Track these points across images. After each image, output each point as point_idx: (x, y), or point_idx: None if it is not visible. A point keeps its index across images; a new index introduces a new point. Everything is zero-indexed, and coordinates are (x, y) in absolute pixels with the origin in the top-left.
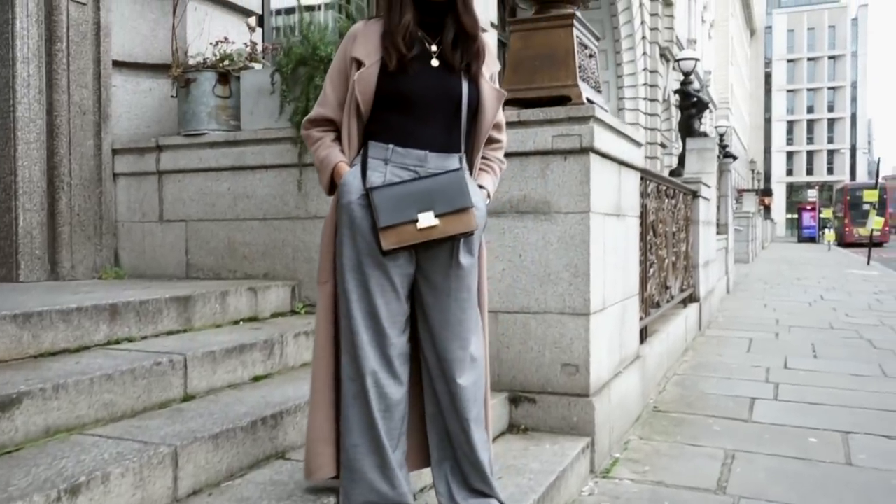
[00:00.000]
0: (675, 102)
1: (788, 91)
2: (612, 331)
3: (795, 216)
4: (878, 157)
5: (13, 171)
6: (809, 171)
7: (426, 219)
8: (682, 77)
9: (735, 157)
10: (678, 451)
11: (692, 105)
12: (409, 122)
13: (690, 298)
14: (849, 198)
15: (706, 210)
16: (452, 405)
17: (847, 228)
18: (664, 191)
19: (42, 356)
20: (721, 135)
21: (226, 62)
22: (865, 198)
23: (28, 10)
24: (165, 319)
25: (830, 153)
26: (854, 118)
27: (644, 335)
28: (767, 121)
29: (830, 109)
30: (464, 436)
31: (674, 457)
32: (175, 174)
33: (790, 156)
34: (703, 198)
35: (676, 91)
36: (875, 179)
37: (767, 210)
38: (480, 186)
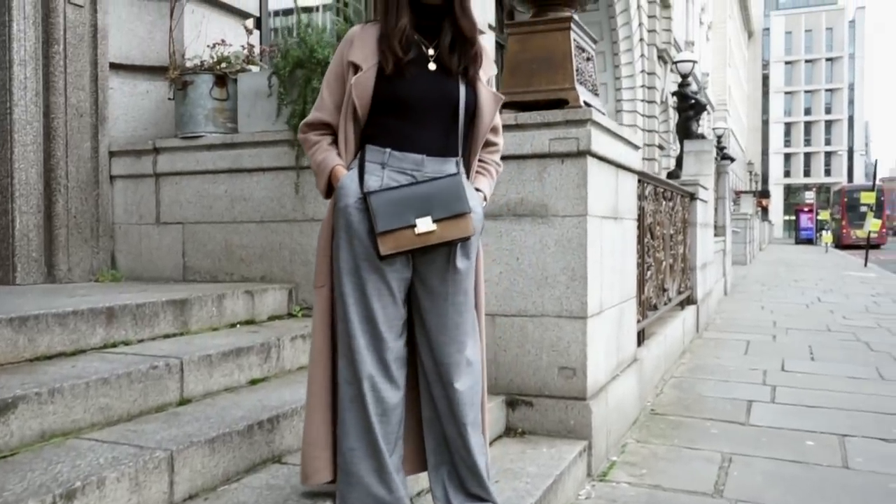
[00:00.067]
0: (673, 104)
1: (786, 93)
2: (610, 334)
3: (793, 218)
4: (876, 160)
5: (10, 174)
6: (807, 173)
7: (424, 224)
8: (680, 79)
9: (733, 159)
10: (675, 455)
11: (690, 107)
12: (406, 126)
13: (688, 301)
14: (846, 200)
15: (704, 212)
16: (449, 409)
17: (844, 230)
18: (662, 193)
19: (38, 360)
20: (719, 137)
21: (223, 65)
22: (863, 200)
23: (25, 13)
24: (162, 323)
25: (828, 155)
26: (851, 120)
27: (641, 338)
28: (765, 122)
29: (828, 111)
30: (461, 440)
31: (671, 460)
32: (172, 177)
33: (787, 158)
34: (701, 200)
35: (674, 93)
36: (872, 181)
37: (765, 212)
38: (477, 189)
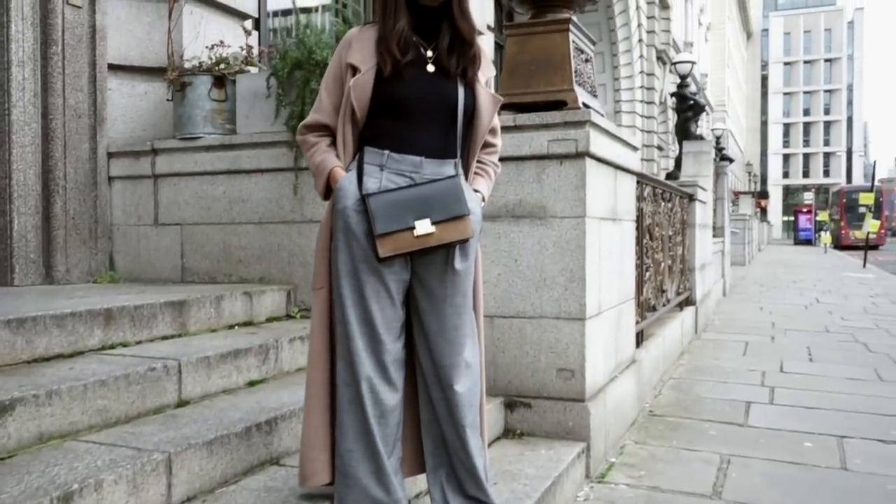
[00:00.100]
0: (672, 105)
1: (785, 94)
2: (608, 335)
3: (792, 219)
4: (874, 160)
5: (8, 175)
6: (806, 174)
7: (423, 226)
8: (679, 80)
9: (731, 160)
10: (674, 456)
11: (689, 108)
12: (405, 128)
13: (687, 302)
14: (845, 200)
15: (702, 213)
16: (448, 411)
17: (843, 231)
18: (660, 194)
19: (36, 362)
20: (717, 137)
21: (221, 66)
22: (861, 201)
23: (23, 14)
24: (160, 324)
25: (827, 156)
26: (850, 121)
27: (640, 339)
28: (764, 123)
29: (827, 112)
30: (459, 442)
31: (669, 461)
32: (170, 178)
33: (786, 158)
34: (700, 201)
35: (673, 94)
36: (871, 182)
37: (764, 213)
38: (475, 191)
